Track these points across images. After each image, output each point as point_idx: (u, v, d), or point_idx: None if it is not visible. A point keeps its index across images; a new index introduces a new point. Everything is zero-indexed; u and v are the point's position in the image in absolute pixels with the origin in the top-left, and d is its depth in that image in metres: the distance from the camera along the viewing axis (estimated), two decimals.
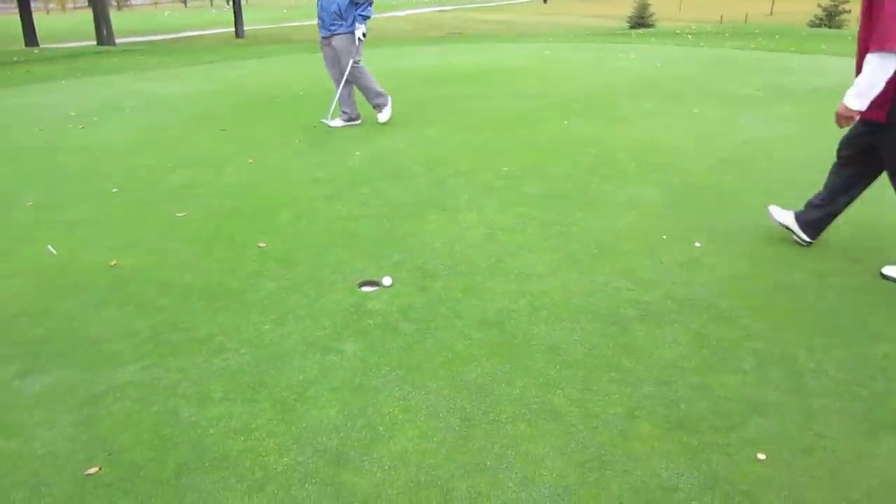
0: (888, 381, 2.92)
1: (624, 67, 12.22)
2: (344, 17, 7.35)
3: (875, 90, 3.51)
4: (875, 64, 3.45)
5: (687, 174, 5.72)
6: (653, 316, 3.45)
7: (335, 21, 7.36)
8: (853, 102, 3.60)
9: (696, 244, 4.30)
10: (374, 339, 3.28)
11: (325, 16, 7.39)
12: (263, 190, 5.59)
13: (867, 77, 3.49)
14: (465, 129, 7.49)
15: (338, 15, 7.31)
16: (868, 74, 3.48)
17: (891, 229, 4.59)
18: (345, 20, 7.38)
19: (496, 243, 4.39)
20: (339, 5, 7.25)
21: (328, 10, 7.34)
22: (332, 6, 7.28)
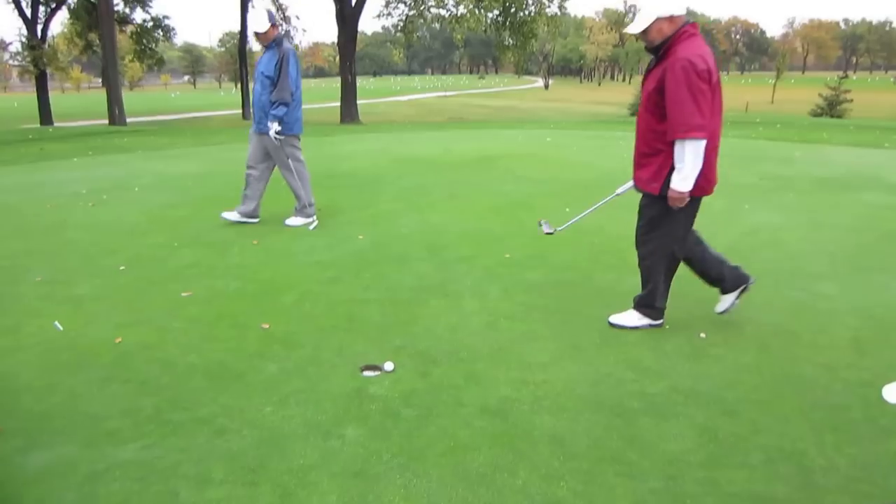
0: None
1: (625, 155, 12.30)
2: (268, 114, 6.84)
3: (694, 172, 3.85)
4: (690, 150, 3.80)
5: None
6: (658, 408, 3.42)
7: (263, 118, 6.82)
8: (683, 186, 3.89)
9: (701, 335, 4.29)
10: (375, 425, 3.25)
11: (256, 110, 6.89)
12: (267, 271, 5.62)
13: (690, 163, 3.82)
14: (468, 214, 7.57)
15: (266, 111, 6.78)
16: (689, 161, 3.82)
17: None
18: None
19: (498, 330, 4.39)
20: (266, 101, 6.75)
21: (257, 105, 6.85)
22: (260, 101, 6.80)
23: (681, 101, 3.75)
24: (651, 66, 4.02)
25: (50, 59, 34.63)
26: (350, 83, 29.31)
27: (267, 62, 6.67)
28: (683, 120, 3.75)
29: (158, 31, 37.32)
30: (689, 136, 3.76)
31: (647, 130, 4.03)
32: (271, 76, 6.63)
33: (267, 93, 6.68)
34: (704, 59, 3.78)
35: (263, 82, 6.71)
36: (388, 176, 10.14)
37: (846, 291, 5.10)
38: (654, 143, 3.98)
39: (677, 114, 3.76)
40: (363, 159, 12.15)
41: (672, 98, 3.77)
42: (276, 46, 6.67)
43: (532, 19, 30.73)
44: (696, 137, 3.77)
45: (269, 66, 6.64)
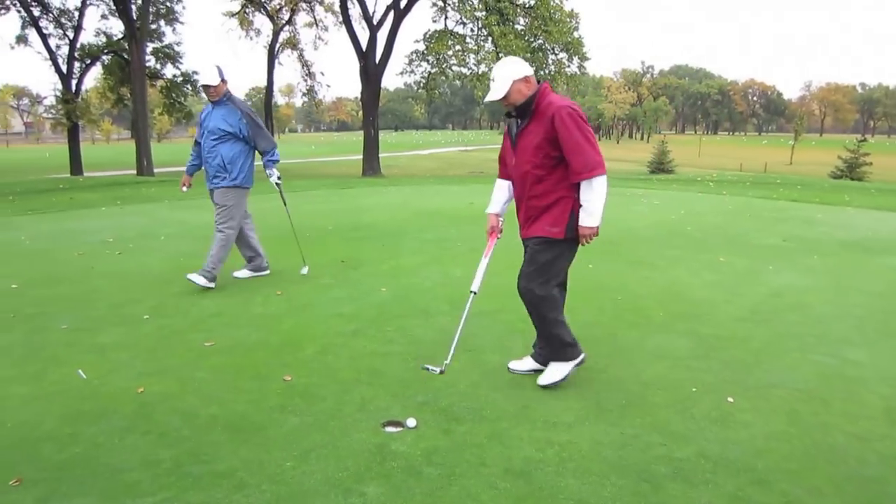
0: None
1: (647, 213, 12.40)
2: (228, 168, 6.64)
3: (602, 206, 4.07)
4: (598, 187, 4.01)
5: (716, 325, 5.67)
6: (686, 475, 3.32)
7: (218, 173, 6.67)
8: (593, 221, 4.11)
9: (729, 399, 4.20)
10: (397, 483, 3.18)
11: (208, 167, 6.73)
12: (290, 323, 5.61)
13: (596, 198, 4.04)
14: (490, 268, 7.47)
15: (221, 167, 6.62)
16: (598, 197, 4.04)
17: None
18: (229, 172, 6.66)
19: (522, 388, 4.32)
20: (224, 156, 6.60)
21: (210, 161, 6.67)
22: (215, 158, 6.63)
23: (578, 144, 3.94)
24: (522, 126, 4.17)
25: (82, 112, 35.73)
26: (372, 137, 29.86)
27: (224, 117, 6.59)
28: (586, 161, 3.94)
29: (187, 86, 38.34)
30: (595, 174, 3.97)
31: (541, 183, 4.15)
32: (234, 131, 6.58)
33: (232, 147, 6.60)
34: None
35: (222, 137, 6.58)
36: (410, 228, 10.18)
37: (876, 358, 4.98)
38: (556, 192, 4.13)
39: (579, 157, 3.95)
40: (385, 212, 12.23)
41: (569, 144, 3.95)
42: (227, 101, 6.64)
43: (552, 78, 31.13)
44: (601, 174, 3.99)
45: (228, 121, 6.57)
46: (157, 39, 36.40)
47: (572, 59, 32.50)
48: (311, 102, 41.48)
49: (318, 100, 41.18)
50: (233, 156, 6.62)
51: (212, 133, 6.59)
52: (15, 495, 3.05)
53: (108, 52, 35.43)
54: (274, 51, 39.35)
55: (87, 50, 35.19)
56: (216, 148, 6.58)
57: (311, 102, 41.96)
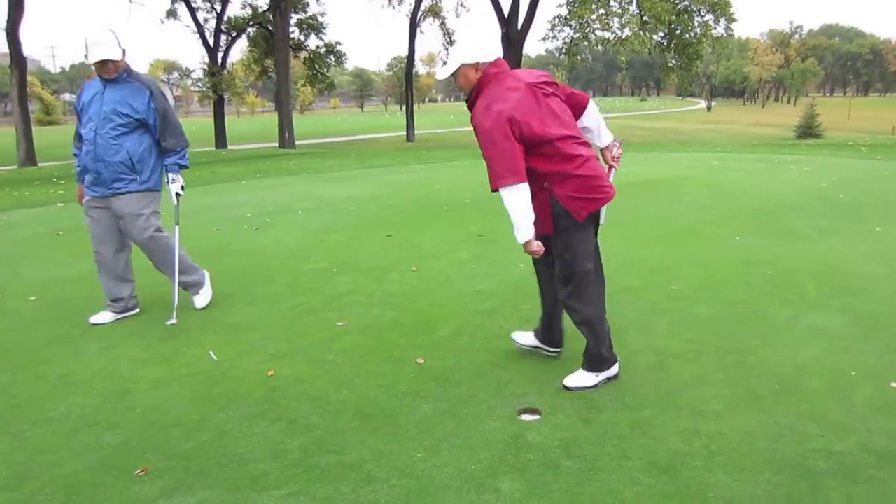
0: None
1: (796, 180, 11.66)
2: (137, 168, 5.10)
3: (525, 216, 3.63)
4: (508, 199, 3.60)
5: (877, 302, 5.19)
6: (848, 470, 3.00)
7: (123, 174, 5.06)
8: (520, 237, 3.70)
9: (893, 384, 3.80)
10: (533, 478, 3.03)
11: (103, 167, 5.02)
12: (425, 301, 5.54)
13: (511, 212, 3.63)
14: (632, 242, 7.25)
15: (127, 166, 5.06)
16: (510, 210, 3.63)
17: None
18: (139, 173, 5.12)
19: (667, 372, 4.07)
20: (131, 152, 5.05)
21: (108, 158, 5.00)
22: (117, 154, 5.01)
23: (486, 151, 3.61)
24: None
25: (228, 85, 37.15)
26: None
27: (126, 98, 5.00)
28: (493, 170, 3.59)
29: (331, 57, 39.02)
30: (502, 184, 3.58)
31: None
32: (142, 118, 5.04)
33: (140, 140, 5.10)
34: (504, 101, 3.57)
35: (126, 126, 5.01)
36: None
37: None
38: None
39: (489, 166, 3.62)
40: None
41: (483, 151, 3.63)
42: (128, 78, 5.05)
43: (697, 41, 29.94)
44: (509, 184, 3.56)
45: (134, 104, 5.00)
46: (301, 10, 36.80)
47: (719, 20, 31.02)
48: None
49: None
50: (142, 151, 5.11)
51: (108, 120, 4.97)
52: (141, 486, 3.06)
53: (253, 24, 36.27)
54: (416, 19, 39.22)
55: (233, 22, 36.19)
56: (118, 141, 5.00)
57: None
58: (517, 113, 3.57)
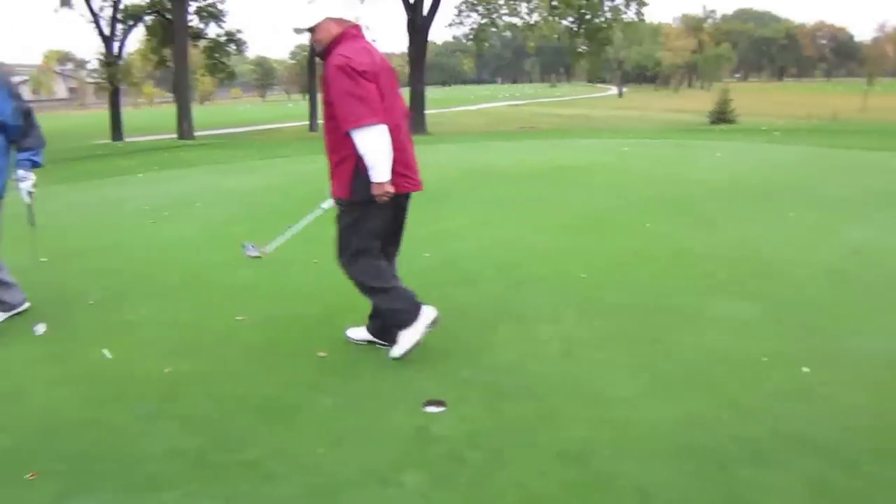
0: None
1: (709, 165, 11.88)
2: None
3: (382, 158, 3.67)
4: (366, 138, 3.64)
5: (787, 287, 5.26)
6: (759, 456, 2.99)
7: None
8: (377, 176, 3.70)
9: (805, 369, 3.82)
10: (438, 471, 2.92)
11: None
12: (327, 294, 5.32)
13: (371, 151, 3.65)
14: (540, 230, 7.22)
15: None
16: (370, 149, 3.65)
17: None
18: None
19: (575, 360, 4.02)
20: None
21: None
22: None
23: (342, 96, 3.65)
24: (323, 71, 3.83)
25: (124, 75, 35.77)
26: (419, 93, 29.15)
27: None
28: (350, 111, 3.64)
29: (231, 45, 37.84)
30: (360, 124, 3.62)
31: (331, 138, 3.85)
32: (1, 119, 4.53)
33: None
34: (364, 56, 3.72)
35: None
36: (457, 189, 9.82)
37: None
38: (341, 150, 3.81)
39: (344, 108, 3.65)
40: (430, 171, 11.69)
41: (336, 96, 3.68)
42: None
43: (608, 26, 30.29)
44: (367, 124, 3.62)
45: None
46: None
47: (629, 5, 31.35)
48: None
49: None
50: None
51: None
52: (31, 491, 2.87)
53: (150, 12, 34.82)
54: None
55: (129, 11, 34.71)
56: None
57: None
58: (373, 69, 3.71)
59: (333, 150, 3.88)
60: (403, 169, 3.86)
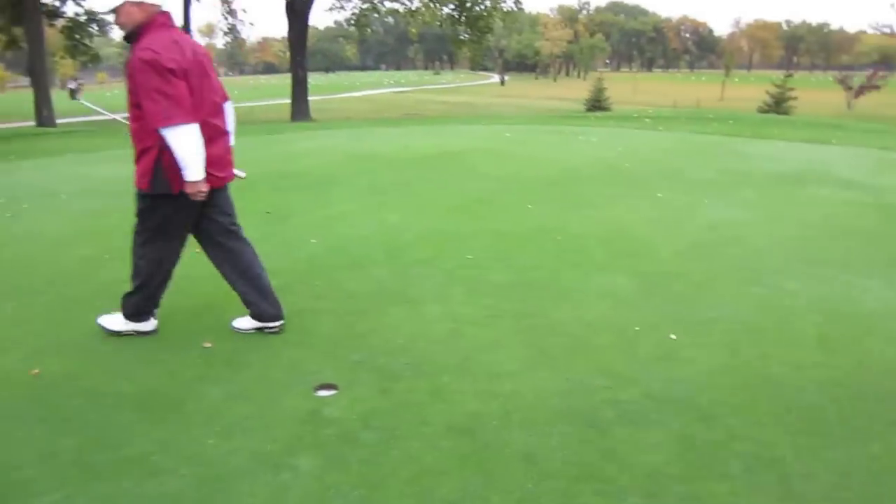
0: (879, 484, 2.73)
1: (585, 150, 12.27)
2: None
3: (195, 157, 3.65)
4: (176, 138, 3.60)
5: (657, 262, 5.58)
6: (633, 417, 3.21)
7: None
8: (189, 175, 3.69)
9: (672, 336, 4.10)
10: (332, 453, 2.94)
11: None
12: (210, 283, 5.03)
13: (182, 151, 3.61)
14: (427, 214, 7.29)
15: None
16: (180, 149, 3.61)
17: (863, 316, 4.50)
18: None
19: (463, 338, 4.11)
20: None
21: None
22: None
23: (150, 92, 3.56)
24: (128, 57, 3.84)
25: None
26: (301, 79, 28.57)
27: None
28: (159, 109, 3.57)
29: (93, 26, 35.30)
30: (170, 123, 3.57)
31: (134, 126, 3.82)
32: None
33: None
34: (174, 51, 3.62)
35: None
36: (343, 175, 9.76)
37: (808, 287, 5.01)
38: (145, 140, 3.76)
39: (152, 106, 3.58)
40: (316, 158, 11.67)
41: (142, 91, 3.58)
42: None
43: (487, 14, 30.53)
44: (177, 123, 3.58)
45: None
46: None
47: None
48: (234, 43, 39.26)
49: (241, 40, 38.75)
50: None
51: None
52: None
53: None
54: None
55: None
56: None
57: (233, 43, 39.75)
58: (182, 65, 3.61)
59: (137, 138, 3.78)
60: (207, 167, 3.78)
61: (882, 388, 3.52)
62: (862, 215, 7.27)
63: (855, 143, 13.79)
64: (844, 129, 17.45)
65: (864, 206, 7.72)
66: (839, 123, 20.37)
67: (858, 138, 14.66)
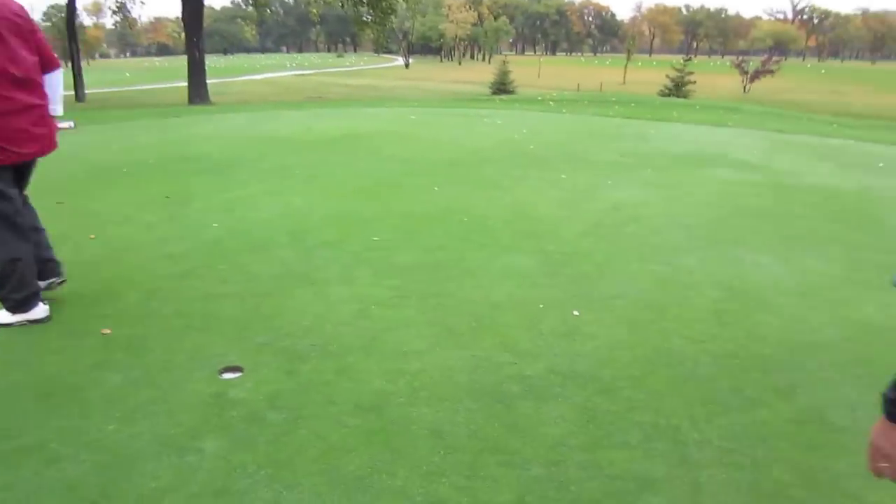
0: (768, 448, 2.89)
1: (490, 133, 12.42)
2: None
3: None
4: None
5: (560, 241, 5.72)
6: (537, 391, 3.30)
7: None
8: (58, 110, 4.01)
9: (574, 312, 4.22)
10: (238, 434, 2.92)
11: None
12: (108, 269, 5.04)
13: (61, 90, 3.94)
14: (332, 196, 7.27)
15: None
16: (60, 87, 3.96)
17: (755, 291, 4.72)
18: None
19: (370, 319, 4.14)
20: None
21: None
22: None
23: None
24: None
25: None
26: (198, 61, 27.45)
27: None
28: None
29: None
30: None
31: None
32: None
33: None
34: None
35: None
36: (245, 158, 9.61)
37: (706, 264, 5.25)
38: None
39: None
40: (216, 141, 11.44)
41: None
42: None
43: None
44: None
45: None
46: None
47: None
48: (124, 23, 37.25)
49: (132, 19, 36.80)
50: None
51: None
52: None
53: None
54: None
55: None
56: None
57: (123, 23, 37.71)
58: None
59: None
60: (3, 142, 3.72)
61: (770, 358, 3.74)
62: (756, 195, 7.66)
63: (750, 125, 14.45)
64: (741, 112, 18.24)
65: (759, 186, 8.13)
66: (736, 107, 21.29)
67: (754, 121, 15.36)
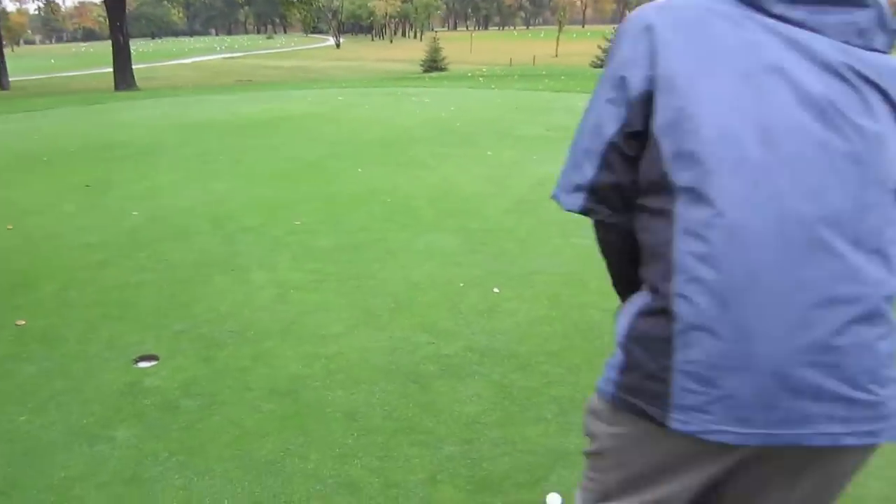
0: None
1: (418, 112, 12.42)
2: None
3: None
4: None
5: (484, 218, 5.79)
6: (454, 370, 3.36)
7: None
8: None
9: (495, 290, 4.29)
10: (151, 422, 2.93)
11: None
12: (22, 259, 4.96)
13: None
14: (255, 181, 7.21)
15: None
16: None
17: None
18: None
19: (289, 303, 4.15)
20: None
21: None
22: None
23: None
24: None
25: None
26: (122, 46, 26.70)
27: None
28: None
29: None
30: None
31: None
32: None
33: None
34: None
35: None
36: (168, 144, 9.45)
37: None
38: None
39: None
40: (140, 128, 11.22)
41: None
42: None
43: None
44: None
45: None
46: None
47: None
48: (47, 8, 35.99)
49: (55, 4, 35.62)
50: None
51: None
52: None
53: None
54: None
55: None
56: None
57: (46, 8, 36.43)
58: None
59: None
60: None
61: None
62: None
63: None
64: None
65: None
66: None
67: None
